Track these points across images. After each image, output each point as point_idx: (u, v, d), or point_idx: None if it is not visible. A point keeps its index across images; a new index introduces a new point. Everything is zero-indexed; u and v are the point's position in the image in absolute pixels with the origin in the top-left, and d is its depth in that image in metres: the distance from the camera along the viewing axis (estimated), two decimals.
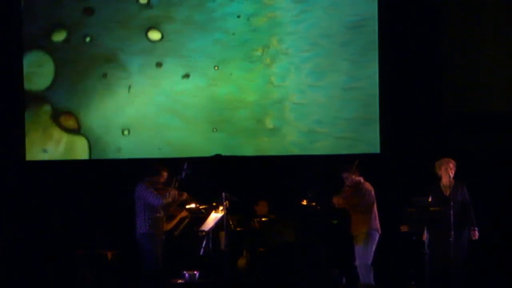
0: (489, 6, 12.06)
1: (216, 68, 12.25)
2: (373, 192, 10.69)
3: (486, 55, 12.03)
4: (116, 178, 11.97)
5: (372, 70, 12.12)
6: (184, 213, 10.82)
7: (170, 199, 10.50)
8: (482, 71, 12.02)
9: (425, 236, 10.19)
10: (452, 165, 10.44)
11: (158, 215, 10.52)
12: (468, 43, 12.07)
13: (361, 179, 10.74)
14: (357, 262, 10.60)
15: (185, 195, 10.72)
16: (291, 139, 12.22)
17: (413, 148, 11.91)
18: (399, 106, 12.07)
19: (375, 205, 10.68)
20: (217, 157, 12.04)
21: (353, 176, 10.70)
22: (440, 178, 10.47)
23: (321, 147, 12.19)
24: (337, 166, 11.07)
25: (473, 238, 10.39)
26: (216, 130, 12.24)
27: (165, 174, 10.65)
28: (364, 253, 10.56)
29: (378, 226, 10.67)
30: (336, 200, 10.58)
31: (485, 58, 12.03)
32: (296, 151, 12.20)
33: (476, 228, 10.39)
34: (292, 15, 12.22)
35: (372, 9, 12.12)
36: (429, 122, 12.03)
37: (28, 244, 11.99)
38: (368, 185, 10.73)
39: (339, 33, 12.18)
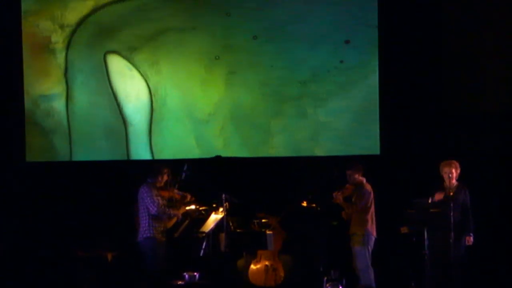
0: (489, 7, 12.06)
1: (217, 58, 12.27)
2: (372, 195, 10.70)
3: (486, 57, 12.02)
4: (117, 179, 11.97)
5: (372, 71, 12.12)
6: (183, 209, 10.81)
7: (166, 215, 10.52)
8: (482, 72, 12.01)
9: (425, 237, 10.19)
10: (454, 166, 10.44)
11: (163, 215, 10.52)
12: (469, 45, 12.06)
13: (364, 180, 10.76)
14: (356, 264, 10.61)
15: (188, 197, 10.73)
16: (290, 140, 12.22)
17: (413, 149, 11.91)
18: (399, 108, 12.07)
19: (372, 208, 10.68)
20: (217, 158, 12.05)
21: (356, 176, 10.72)
22: (443, 179, 10.47)
23: (321, 148, 12.18)
24: (338, 167, 11.10)
25: (467, 244, 10.37)
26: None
27: (166, 172, 10.65)
28: (362, 255, 10.57)
29: (374, 229, 10.66)
30: (335, 195, 10.62)
31: (485, 59, 12.01)
32: (296, 153, 12.20)
33: (471, 234, 10.37)
34: (293, 15, 12.22)
35: (372, 10, 12.12)
36: (429, 123, 12.02)
37: (28, 246, 11.98)
38: (369, 187, 10.75)
39: (339, 34, 12.18)
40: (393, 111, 12.06)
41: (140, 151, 12.34)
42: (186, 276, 10.75)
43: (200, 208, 10.88)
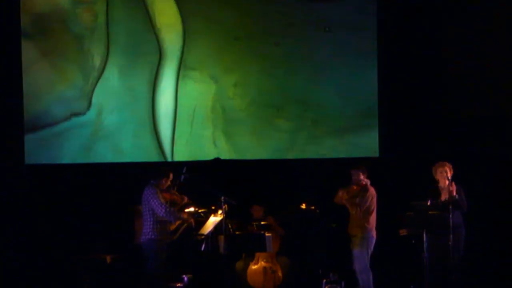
0: (490, 11, 12.06)
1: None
2: (375, 198, 10.68)
3: (486, 60, 12.03)
4: (115, 182, 11.97)
5: (371, 74, 12.13)
6: (184, 213, 10.83)
7: (173, 217, 10.51)
8: (481, 76, 12.02)
9: (424, 239, 10.19)
10: (448, 168, 10.42)
11: (165, 219, 10.51)
12: (468, 48, 12.07)
13: (368, 183, 10.74)
14: (355, 266, 10.60)
15: (185, 199, 10.73)
16: (290, 142, 12.23)
17: (412, 152, 11.92)
18: (398, 110, 12.08)
19: (375, 211, 10.67)
20: (216, 160, 12.05)
21: (361, 176, 10.70)
22: (437, 182, 10.47)
23: (321, 150, 12.19)
24: (337, 169, 11.12)
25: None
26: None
27: (171, 176, 10.67)
28: (361, 257, 10.57)
29: (374, 231, 10.65)
30: (341, 193, 10.60)
31: (485, 63, 12.02)
32: (295, 155, 12.21)
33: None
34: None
35: (371, 13, 12.14)
36: (428, 126, 12.04)
37: (27, 248, 11.97)
38: (373, 190, 10.72)
39: (338, 37, 12.20)
40: (392, 113, 12.08)
41: (167, 83, 12.32)
42: (185, 278, 10.74)
43: (199, 211, 10.88)
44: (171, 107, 12.33)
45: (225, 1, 12.32)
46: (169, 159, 12.23)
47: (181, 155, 12.24)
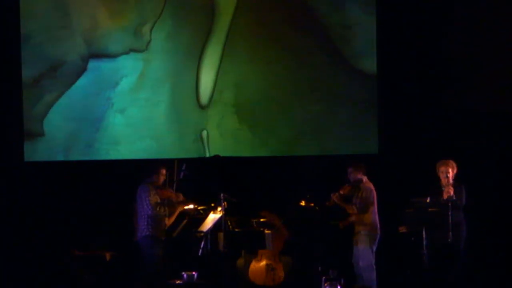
0: (490, 7, 12.06)
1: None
2: (373, 193, 10.69)
3: (486, 55, 12.02)
4: (115, 179, 11.97)
5: (370, 70, 12.13)
6: (181, 208, 10.82)
7: (162, 212, 10.53)
8: (481, 71, 12.02)
9: (424, 236, 10.20)
10: (451, 166, 10.42)
11: (159, 215, 10.52)
12: (468, 44, 12.07)
13: (364, 178, 10.74)
14: (360, 263, 10.61)
15: (181, 197, 10.73)
16: (289, 139, 12.23)
17: (411, 148, 11.93)
18: (398, 107, 12.08)
19: (374, 206, 10.67)
20: (216, 157, 12.06)
21: (357, 174, 10.71)
22: (440, 179, 10.47)
23: (320, 147, 12.19)
24: (336, 166, 11.11)
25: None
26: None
27: (164, 172, 10.66)
28: (366, 254, 10.59)
29: (377, 227, 10.66)
30: (332, 196, 10.62)
31: (485, 58, 12.02)
32: (294, 152, 12.21)
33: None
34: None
35: (370, 8, 12.14)
36: (427, 122, 12.04)
37: (26, 245, 11.97)
38: (369, 185, 10.73)
39: (337, 32, 12.20)
40: (392, 110, 12.08)
41: (216, 45, 12.36)
42: (185, 275, 10.73)
43: (199, 208, 10.90)
44: (215, 68, 12.33)
45: None
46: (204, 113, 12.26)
47: (213, 114, 12.27)
